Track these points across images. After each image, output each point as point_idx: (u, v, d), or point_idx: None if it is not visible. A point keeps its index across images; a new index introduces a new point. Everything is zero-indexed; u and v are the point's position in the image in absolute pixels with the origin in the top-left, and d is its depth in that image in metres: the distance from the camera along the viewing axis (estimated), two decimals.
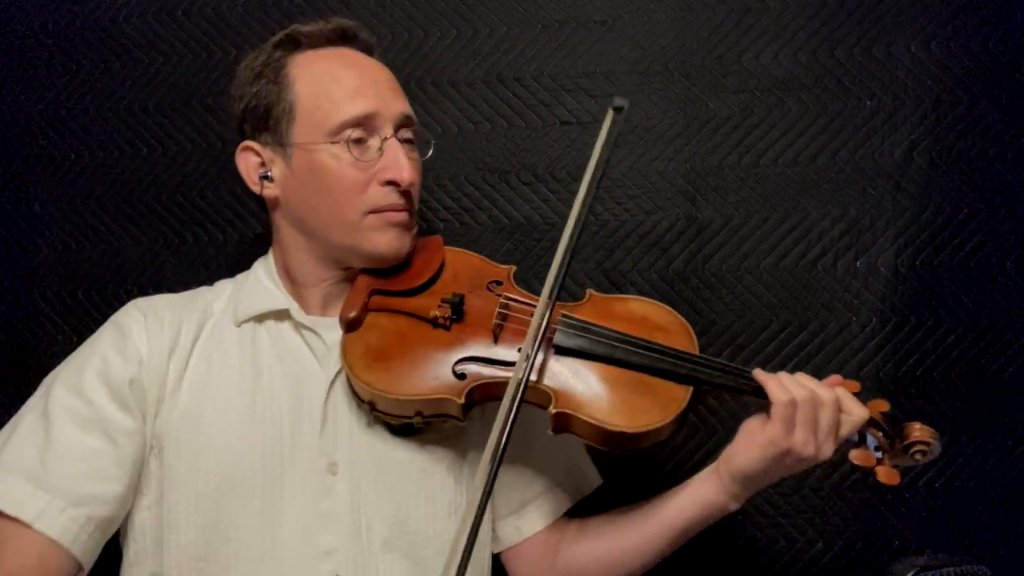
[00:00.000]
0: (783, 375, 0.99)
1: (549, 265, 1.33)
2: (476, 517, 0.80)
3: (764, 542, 1.31)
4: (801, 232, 1.34)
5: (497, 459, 0.83)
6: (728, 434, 1.31)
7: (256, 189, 1.07)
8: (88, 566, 0.96)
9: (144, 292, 1.25)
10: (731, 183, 1.35)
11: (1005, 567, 1.29)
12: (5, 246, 1.47)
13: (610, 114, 1.06)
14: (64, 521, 0.92)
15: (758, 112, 1.35)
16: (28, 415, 0.97)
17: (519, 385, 0.89)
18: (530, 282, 1.35)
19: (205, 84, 1.44)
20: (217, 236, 1.43)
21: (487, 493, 0.82)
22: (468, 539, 0.80)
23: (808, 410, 0.94)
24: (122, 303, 1.08)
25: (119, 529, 1.02)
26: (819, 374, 1.30)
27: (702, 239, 1.35)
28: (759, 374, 1.00)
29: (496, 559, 1.14)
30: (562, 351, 1.01)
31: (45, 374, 1.03)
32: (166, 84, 1.45)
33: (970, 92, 1.33)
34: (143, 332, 1.02)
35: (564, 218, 1.35)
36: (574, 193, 1.34)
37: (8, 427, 0.98)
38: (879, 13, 1.35)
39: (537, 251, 1.37)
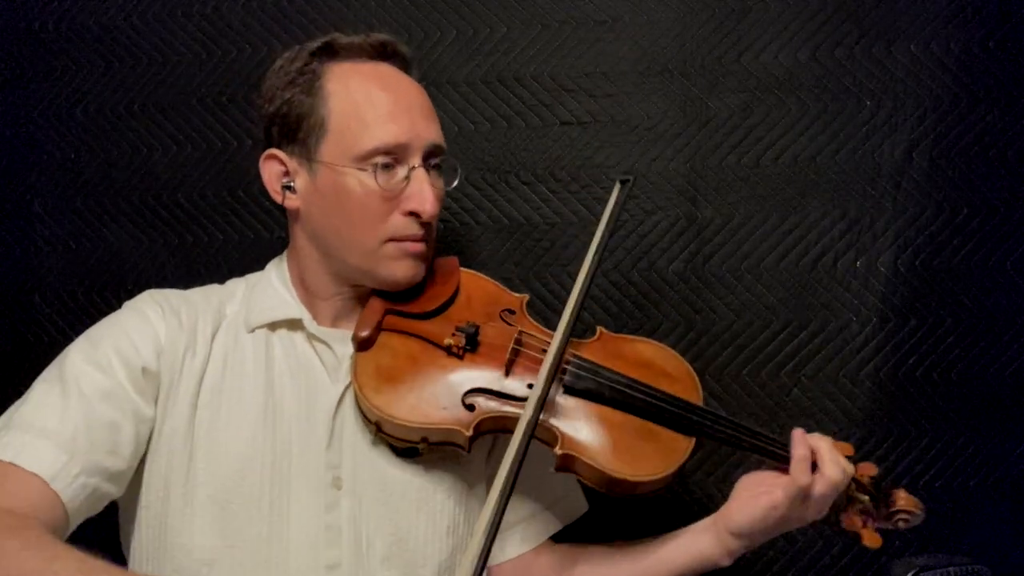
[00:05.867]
0: (819, 441, 1.00)
1: (549, 265, 1.35)
2: (483, 551, 0.79)
3: (764, 542, 1.31)
4: (801, 232, 1.34)
5: (505, 498, 0.83)
6: None
7: (278, 199, 1.05)
8: (69, 531, 0.91)
9: None
10: (731, 183, 1.35)
11: (1005, 567, 1.29)
12: (5, 246, 1.47)
13: (617, 187, 1.09)
14: (76, 487, 0.88)
15: (758, 112, 1.35)
16: (40, 384, 0.94)
17: (529, 426, 0.89)
18: (530, 283, 1.35)
19: (205, 84, 1.44)
20: (217, 236, 1.43)
21: (494, 529, 0.81)
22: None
23: (829, 489, 0.97)
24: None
25: (121, 531, 1.01)
26: (819, 374, 1.32)
27: (702, 239, 1.35)
28: (798, 444, 0.99)
29: None
30: (572, 392, 1.01)
31: None
32: (166, 84, 1.45)
33: (970, 92, 1.33)
34: (163, 323, 1.00)
35: (564, 218, 1.36)
36: (574, 193, 1.37)
37: (19, 399, 0.95)
38: (879, 13, 1.35)
39: (537, 251, 1.37)
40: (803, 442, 0.99)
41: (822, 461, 0.97)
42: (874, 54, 1.34)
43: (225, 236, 1.43)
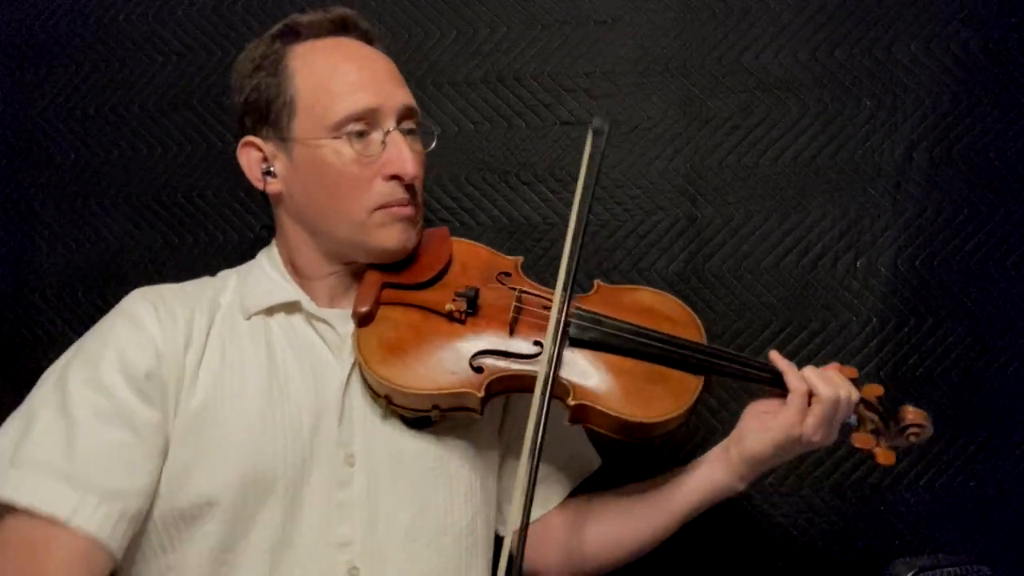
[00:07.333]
0: (806, 369, 1.03)
1: (550, 265, 1.35)
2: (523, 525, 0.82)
3: (764, 542, 1.31)
4: (801, 232, 1.34)
5: (535, 459, 0.85)
6: (727, 423, 1.31)
7: (259, 185, 1.05)
8: (119, 562, 0.92)
9: None
10: (731, 183, 1.35)
11: (1005, 567, 1.29)
12: (5, 246, 1.47)
13: (590, 136, 1.09)
14: (100, 517, 0.88)
15: (758, 112, 1.35)
16: (42, 411, 0.93)
17: (547, 382, 0.90)
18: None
19: (205, 84, 1.44)
20: (217, 236, 1.43)
21: (529, 497, 0.83)
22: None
23: (829, 408, 0.99)
24: None
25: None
26: None
27: (702, 239, 1.35)
28: (778, 360, 1.03)
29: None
30: (577, 343, 1.02)
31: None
32: (166, 84, 1.45)
33: (970, 92, 1.33)
34: (156, 324, 0.99)
35: (564, 218, 1.36)
36: (574, 193, 1.36)
37: (16, 423, 0.93)
38: (879, 13, 1.35)
39: (537, 251, 1.37)
40: (782, 360, 1.04)
41: (814, 385, 1.00)
42: (874, 54, 1.34)
43: (225, 236, 1.43)
